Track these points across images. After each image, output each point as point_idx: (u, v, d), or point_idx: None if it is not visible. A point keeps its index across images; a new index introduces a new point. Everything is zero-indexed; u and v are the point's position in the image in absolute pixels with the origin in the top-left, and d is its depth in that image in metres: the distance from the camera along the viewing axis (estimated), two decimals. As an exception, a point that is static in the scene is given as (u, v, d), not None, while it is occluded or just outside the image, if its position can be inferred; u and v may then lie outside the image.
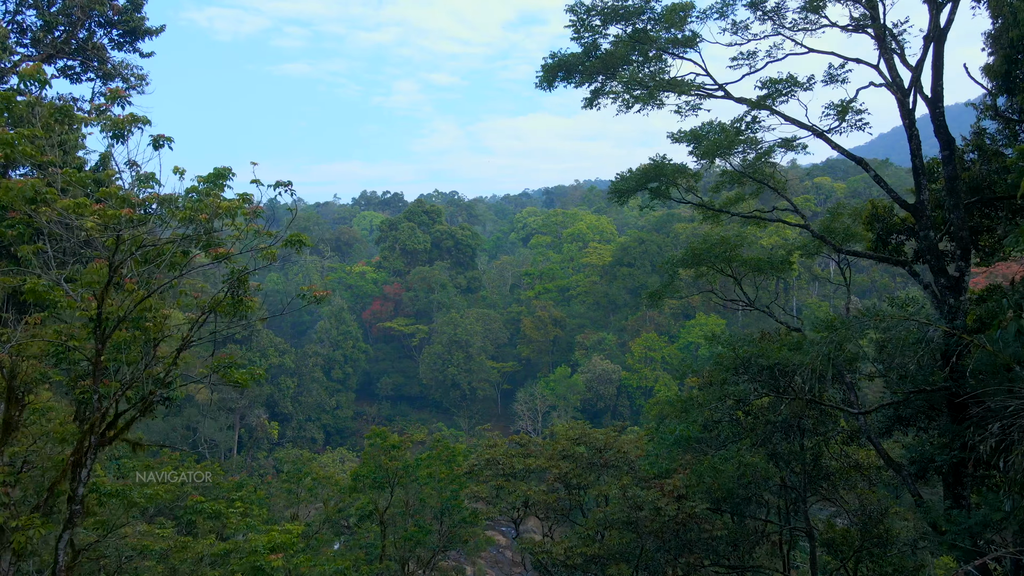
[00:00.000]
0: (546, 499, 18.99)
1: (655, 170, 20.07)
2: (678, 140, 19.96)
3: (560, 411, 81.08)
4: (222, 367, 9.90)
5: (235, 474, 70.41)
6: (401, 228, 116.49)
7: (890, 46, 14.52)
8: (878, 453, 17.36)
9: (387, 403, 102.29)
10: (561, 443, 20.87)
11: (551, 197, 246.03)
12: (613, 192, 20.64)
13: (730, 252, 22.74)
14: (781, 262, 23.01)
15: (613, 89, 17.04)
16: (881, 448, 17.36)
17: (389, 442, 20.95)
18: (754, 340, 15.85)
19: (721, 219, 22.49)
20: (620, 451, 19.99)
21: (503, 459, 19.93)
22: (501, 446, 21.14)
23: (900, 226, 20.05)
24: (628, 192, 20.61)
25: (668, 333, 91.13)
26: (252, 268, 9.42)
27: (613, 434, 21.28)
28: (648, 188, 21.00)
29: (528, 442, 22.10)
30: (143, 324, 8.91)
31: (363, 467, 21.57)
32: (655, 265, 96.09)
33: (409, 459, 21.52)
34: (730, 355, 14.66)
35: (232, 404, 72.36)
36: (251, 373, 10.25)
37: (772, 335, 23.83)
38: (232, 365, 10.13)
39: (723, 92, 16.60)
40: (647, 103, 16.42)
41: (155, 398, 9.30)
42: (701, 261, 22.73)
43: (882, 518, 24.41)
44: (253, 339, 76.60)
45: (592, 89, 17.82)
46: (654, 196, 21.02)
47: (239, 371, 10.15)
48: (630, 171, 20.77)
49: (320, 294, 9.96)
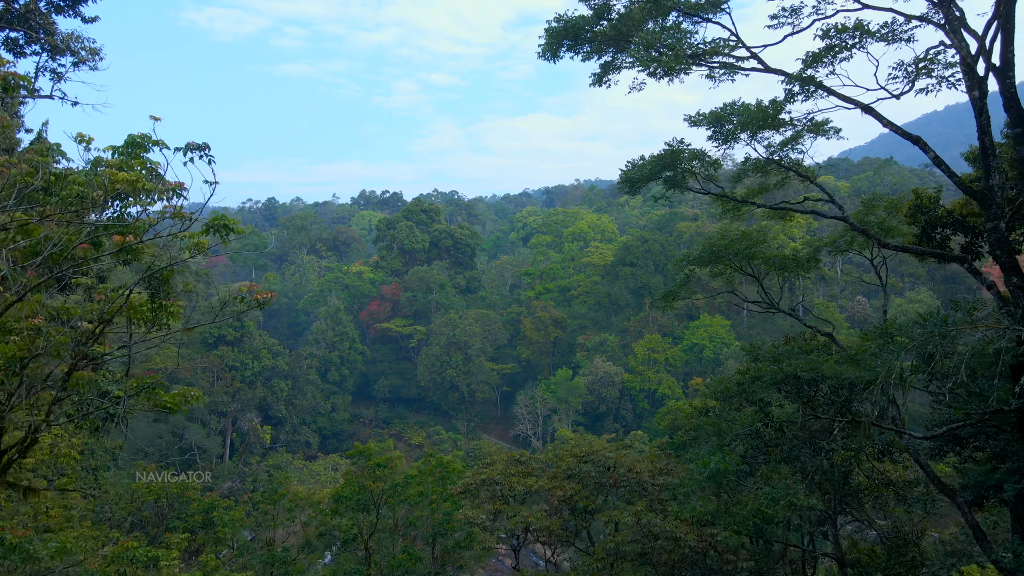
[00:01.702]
0: (549, 524, 16.94)
1: (671, 157, 17.93)
2: (696, 123, 17.85)
3: (561, 414, 78.91)
4: (144, 389, 7.78)
5: (227, 480, 68.35)
6: (399, 227, 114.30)
7: (951, 3, 12.39)
8: (928, 478, 15.24)
9: (384, 406, 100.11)
10: (566, 461, 18.75)
11: (551, 197, 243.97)
12: (624, 182, 18.50)
13: (752, 249, 20.64)
14: (807, 260, 20.89)
15: (627, 61, 14.87)
16: (931, 471, 15.25)
17: (374, 461, 18.84)
18: (798, 352, 13.69)
19: (742, 213, 20.35)
20: (632, 470, 17.87)
21: (501, 479, 17.84)
22: (499, 464, 19.07)
23: (946, 219, 17.95)
24: (640, 181, 18.47)
25: (671, 334, 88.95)
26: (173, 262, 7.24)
27: (623, 451, 19.12)
28: (662, 177, 18.87)
29: (528, 459, 19.98)
30: (6, 339, 6.79)
31: (345, 488, 19.46)
32: (658, 264, 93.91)
33: (398, 477, 19.43)
34: (772, 370, 12.49)
35: (223, 408, 70.18)
36: (183, 396, 8.14)
37: (798, 340, 21.68)
38: (157, 386, 7.99)
39: (756, 60, 14.44)
40: (672, 70, 14.20)
41: (38, 434, 7.18)
42: (719, 258, 20.62)
43: (917, 541, 22.27)
44: (245, 340, 74.46)
45: (602, 63, 15.70)
46: (669, 186, 18.88)
47: (169, 393, 8.04)
48: (642, 159, 18.63)
49: (263, 296, 7.84)
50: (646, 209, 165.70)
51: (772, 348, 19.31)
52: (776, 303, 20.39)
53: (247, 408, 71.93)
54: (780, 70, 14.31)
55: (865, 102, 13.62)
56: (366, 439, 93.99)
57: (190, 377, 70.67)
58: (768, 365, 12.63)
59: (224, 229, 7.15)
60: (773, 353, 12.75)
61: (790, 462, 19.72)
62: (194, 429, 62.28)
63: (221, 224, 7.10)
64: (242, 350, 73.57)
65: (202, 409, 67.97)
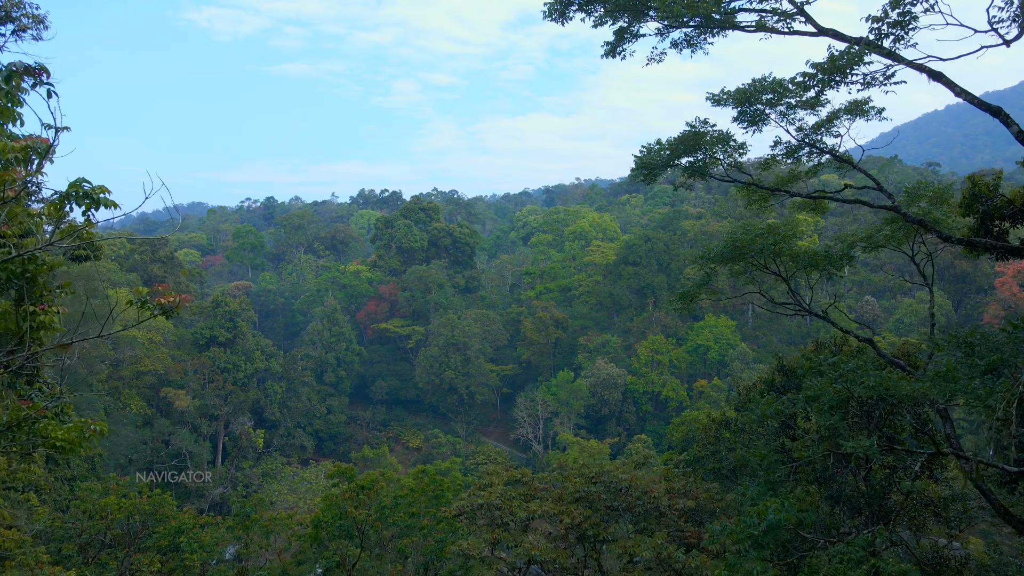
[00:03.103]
0: (556, 556, 14.93)
1: (693, 139, 15.88)
2: (720, 102, 15.81)
3: (563, 417, 76.88)
4: (25, 422, 5.75)
5: (219, 486, 66.29)
6: (397, 226, 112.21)
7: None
8: (992, 507, 13.21)
9: (382, 408, 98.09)
10: (573, 481, 16.73)
11: (551, 196, 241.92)
12: (639, 168, 16.45)
13: (779, 244, 18.59)
14: (840, 256, 18.83)
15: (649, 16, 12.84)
16: (995, 500, 13.22)
17: (357, 483, 16.81)
18: (874, 371, 11.57)
19: (768, 205, 18.31)
20: (648, 493, 15.85)
21: (500, 503, 15.80)
22: (498, 484, 17.04)
23: (1006, 208, 15.91)
24: (657, 168, 16.43)
25: (675, 335, 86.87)
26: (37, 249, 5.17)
27: (640, 473, 17.07)
28: (682, 164, 16.83)
29: (531, 480, 17.96)
30: None
31: (326, 513, 17.46)
32: (662, 264, 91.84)
33: (385, 498, 17.42)
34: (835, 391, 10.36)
35: (215, 412, 68.13)
36: (80, 432, 6.09)
37: (828, 345, 19.61)
38: (41, 418, 5.95)
39: (804, 17, 12.36)
40: (707, 29, 12.17)
41: None
42: (743, 255, 18.55)
43: (961, 569, 20.25)
44: (237, 342, 72.39)
45: (617, 28, 13.68)
46: (689, 173, 16.82)
47: (62, 428, 6.00)
48: (659, 143, 16.55)
49: (167, 301, 5.79)
50: (647, 208, 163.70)
51: (841, 369, 17.27)
52: (808, 304, 18.36)
53: (239, 411, 69.86)
54: (834, 30, 12.21)
55: (932, 67, 11.51)
56: (363, 442, 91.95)
57: (180, 380, 68.64)
58: (829, 383, 10.51)
59: (88, 201, 4.99)
60: (843, 374, 10.52)
61: (822, 483, 17.77)
62: (182, 435, 60.11)
63: (79, 191, 4.93)
64: (235, 351, 71.51)
65: (193, 412, 65.98)
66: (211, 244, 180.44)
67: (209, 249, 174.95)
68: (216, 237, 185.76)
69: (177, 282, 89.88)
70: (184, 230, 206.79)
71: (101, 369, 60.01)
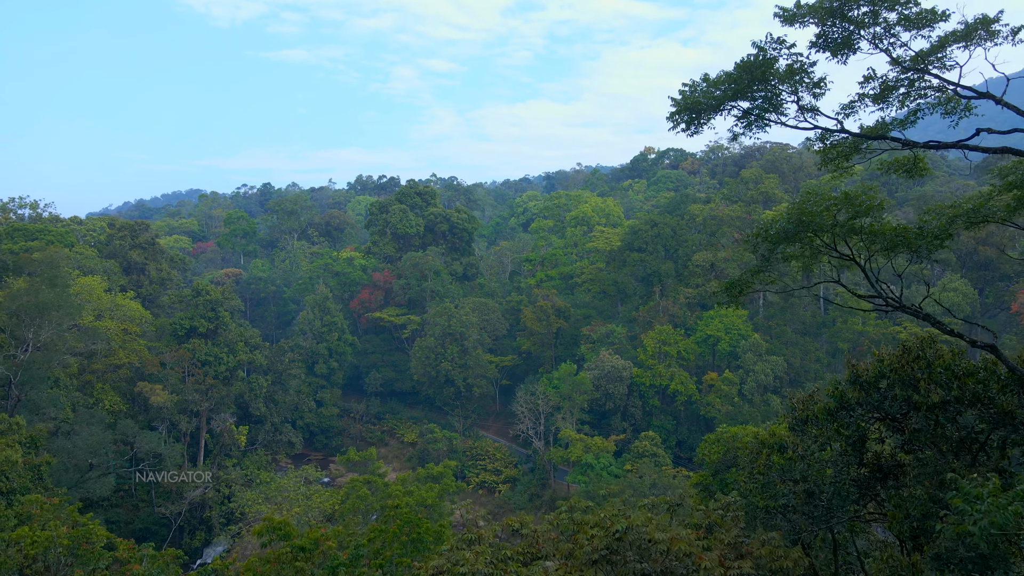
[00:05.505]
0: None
1: (758, 70, 11.45)
2: (793, 19, 11.36)
3: (565, 412, 72.68)
4: None
5: (198, 488, 62.10)
6: (392, 211, 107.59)
7: None
8: None
9: (376, 400, 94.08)
10: (588, 533, 12.37)
11: (552, 182, 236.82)
12: (681, 111, 12.04)
13: (855, 218, 14.25)
14: (936, 235, 14.41)
15: None
16: None
17: (294, 543, 12.51)
18: None
19: (851, 164, 13.91)
20: (689, 555, 11.51)
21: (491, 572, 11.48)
22: (487, 537, 12.83)
23: None
24: (706, 110, 12.02)
25: (684, 325, 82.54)
26: None
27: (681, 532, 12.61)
28: (737, 106, 12.38)
29: (532, 533, 13.59)
30: None
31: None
32: (669, 249, 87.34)
33: (340, 555, 13.21)
34: None
35: (195, 407, 63.92)
36: None
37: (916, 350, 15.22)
38: None
39: None
40: None
41: None
42: (808, 230, 14.17)
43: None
44: (219, 332, 68.09)
45: None
46: (749, 119, 12.39)
47: None
48: (706, 77, 12.05)
49: None
50: (651, 193, 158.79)
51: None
52: (900, 298, 14.00)
53: (221, 407, 65.64)
54: None
55: None
56: (356, 436, 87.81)
57: (158, 373, 64.42)
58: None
59: None
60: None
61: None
62: (148, 436, 55.34)
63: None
64: (216, 343, 67.23)
65: (171, 408, 61.79)
66: (202, 230, 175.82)
67: (200, 235, 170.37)
68: (208, 223, 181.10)
69: (159, 269, 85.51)
70: (176, 216, 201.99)
71: (69, 363, 55.68)
